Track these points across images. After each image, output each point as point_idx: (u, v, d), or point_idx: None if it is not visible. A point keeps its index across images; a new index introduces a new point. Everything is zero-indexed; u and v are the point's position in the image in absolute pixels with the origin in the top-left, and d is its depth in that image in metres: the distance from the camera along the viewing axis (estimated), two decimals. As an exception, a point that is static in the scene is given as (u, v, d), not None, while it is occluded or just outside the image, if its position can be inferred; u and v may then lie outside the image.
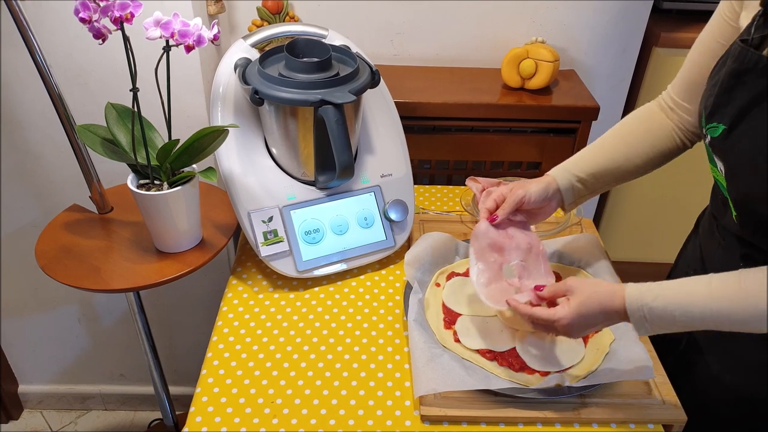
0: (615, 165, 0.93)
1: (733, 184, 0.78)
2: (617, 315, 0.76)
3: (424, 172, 1.47)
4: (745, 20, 0.79)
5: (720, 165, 0.79)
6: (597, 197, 1.74)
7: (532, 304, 0.83)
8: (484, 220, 0.93)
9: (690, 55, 0.90)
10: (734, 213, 0.81)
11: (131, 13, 0.85)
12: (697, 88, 0.86)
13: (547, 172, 0.96)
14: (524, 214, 0.95)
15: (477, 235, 0.92)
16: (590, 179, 0.94)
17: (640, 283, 0.75)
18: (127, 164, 1.03)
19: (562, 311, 0.78)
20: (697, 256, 0.98)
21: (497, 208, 0.94)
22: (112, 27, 0.87)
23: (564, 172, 0.94)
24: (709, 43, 0.86)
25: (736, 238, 0.85)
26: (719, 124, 0.77)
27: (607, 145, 0.95)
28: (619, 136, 0.96)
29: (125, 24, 0.86)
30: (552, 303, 0.82)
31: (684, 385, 0.91)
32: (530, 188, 0.92)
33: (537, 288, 0.84)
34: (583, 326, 0.78)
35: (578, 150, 1.41)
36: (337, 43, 1.09)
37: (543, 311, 0.80)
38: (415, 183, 1.17)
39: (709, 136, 0.79)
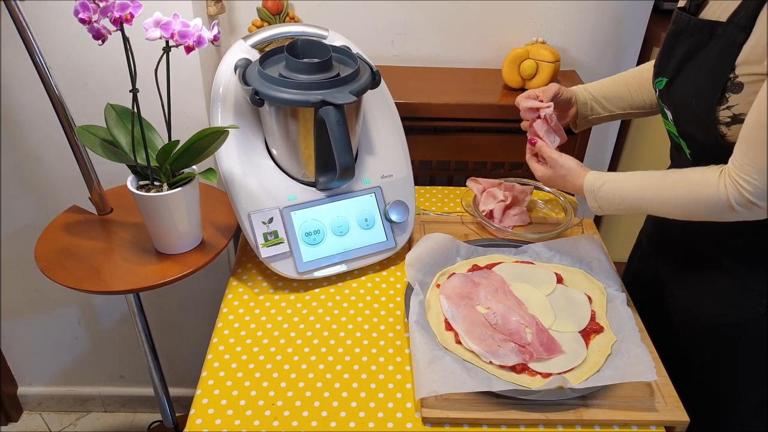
0: (624, 95, 1.10)
1: (680, 127, 0.93)
2: (577, 189, 0.98)
3: (425, 173, 1.47)
4: None
5: (669, 114, 0.94)
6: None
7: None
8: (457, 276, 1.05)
9: None
10: (687, 152, 0.95)
11: (131, 13, 0.85)
12: None
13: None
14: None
15: (444, 289, 1.01)
16: (603, 101, 1.12)
17: (598, 172, 0.96)
18: (127, 165, 1.02)
19: (544, 170, 1.04)
20: None
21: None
22: (111, 28, 0.86)
23: (579, 88, 1.13)
24: None
25: None
26: (663, 78, 0.93)
27: (618, 81, 1.12)
28: (631, 74, 1.12)
29: (125, 25, 0.86)
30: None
31: (658, 326, 1.03)
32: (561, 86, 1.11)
33: (532, 142, 1.07)
34: (553, 184, 1.04)
35: (578, 150, 1.42)
36: (337, 43, 1.08)
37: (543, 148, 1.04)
38: (415, 184, 1.17)
39: (657, 90, 0.95)
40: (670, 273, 1.07)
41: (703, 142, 0.89)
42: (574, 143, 1.39)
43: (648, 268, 1.13)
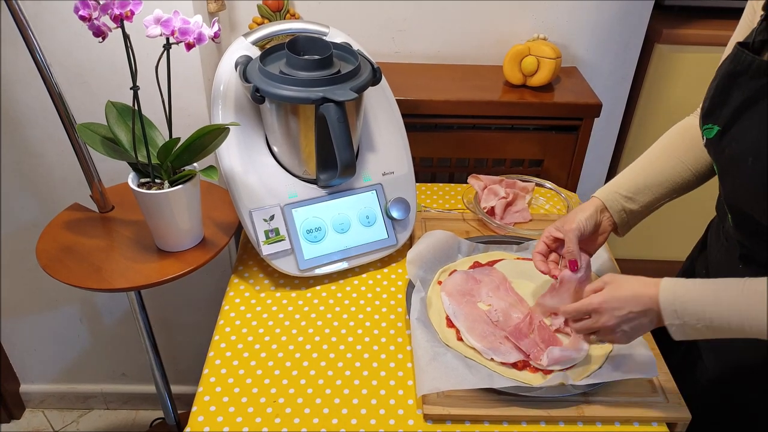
0: (663, 178, 0.90)
1: (724, 186, 0.78)
2: (650, 302, 0.74)
3: (426, 170, 1.47)
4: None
5: (715, 167, 0.79)
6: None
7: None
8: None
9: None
10: (730, 216, 0.82)
11: (131, 10, 0.85)
12: None
13: (592, 195, 0.93)
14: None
15: (446, 286, 1.00)
16: (637, 195, 0.90)
17: (675, 279, 0.74)
18: (128, 163, 1.02)
19: (596, 297, 0.78)
20: (704, 258, 0.99)
21: (549, 250, 0.93)
22: (112, 25, 0.86)
23: (607, 193, 0.92)
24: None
25: (736, 239, 0.86)
26: (714, 126, 0.77)
27: (652, 159, 0.92)
28: (662, 149, 0.93)
29: (125, 22, 0.86)
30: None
31: (684, 388, 0.90)
32: (578, 217, 0.89)
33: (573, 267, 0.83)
34: (618, 315, 0.76)
35: (580, 147, 1.41)
36: (338, 40, 1.08)
37: (577, 304, 0.80)
38: (416, 181, 1.17)
39: (705, 138, 0.79)
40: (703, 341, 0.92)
41: (743, 208, 0.76)
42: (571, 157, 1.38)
43: None
